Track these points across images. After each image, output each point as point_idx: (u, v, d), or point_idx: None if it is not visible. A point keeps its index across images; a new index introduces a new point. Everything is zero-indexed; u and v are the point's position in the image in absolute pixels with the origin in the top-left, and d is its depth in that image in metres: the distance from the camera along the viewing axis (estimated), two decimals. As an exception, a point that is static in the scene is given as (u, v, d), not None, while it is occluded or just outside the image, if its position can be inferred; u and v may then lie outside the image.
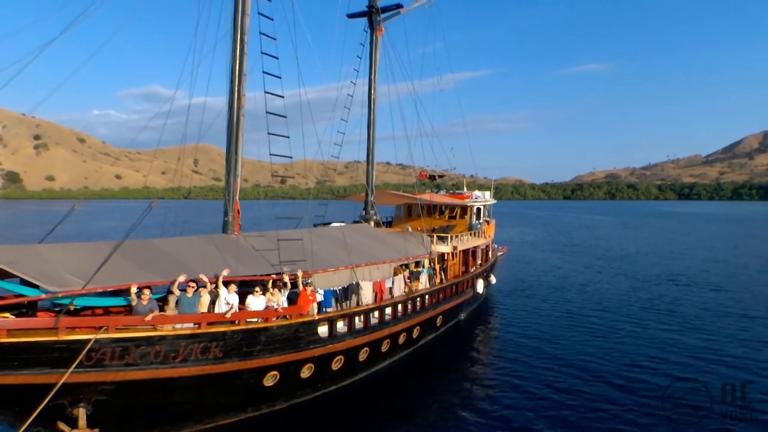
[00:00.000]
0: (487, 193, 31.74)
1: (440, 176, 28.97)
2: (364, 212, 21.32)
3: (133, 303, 9.94)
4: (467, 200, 27.25)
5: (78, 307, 10.43)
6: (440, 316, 19.39)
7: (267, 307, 11.64)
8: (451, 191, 31.05)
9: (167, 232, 14.63)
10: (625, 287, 31.06)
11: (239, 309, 11.44)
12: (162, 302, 11.17)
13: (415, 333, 17.41)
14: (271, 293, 11.94)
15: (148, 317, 9.54)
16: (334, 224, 21.06)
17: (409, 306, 16.77)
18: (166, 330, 9.87)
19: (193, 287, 10.71)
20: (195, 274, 11.02)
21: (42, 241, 11.10)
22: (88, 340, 8.84)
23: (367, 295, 15.02)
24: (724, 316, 23.10)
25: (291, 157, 13.67)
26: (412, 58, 24.18)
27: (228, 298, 11.17)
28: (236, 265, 12.00)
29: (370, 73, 22.22)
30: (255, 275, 12.39)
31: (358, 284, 14.86)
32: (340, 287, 14.43)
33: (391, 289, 16.53)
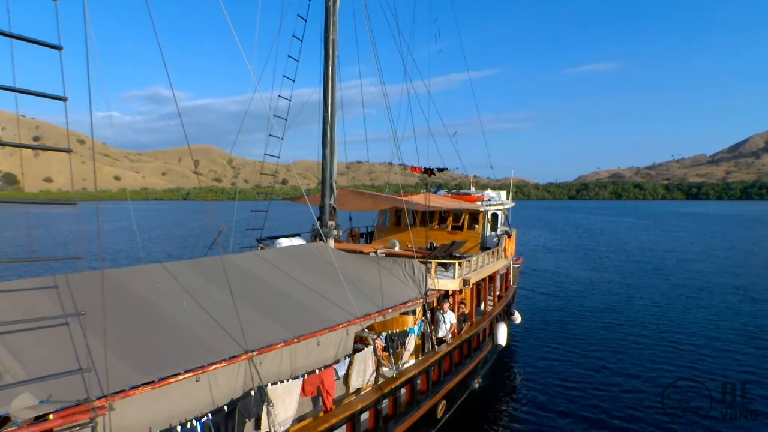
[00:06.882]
0: (503, 194, 23.81)
1: (440, 170, 20.93)
2: (318, 223, 13.24)
3: None
4: (478, 203, 19.37)
5: None
6: (443, 402, 11.45)
7: None
8: (453, 191, 23.23)
9: None
10: (693, 312, 23.76)
11: None
12: None
13: (397, 450, 9.48)
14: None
15: None
16: (284, 241, 13.76)
17: (386, 408, 8.84)
18: None
19: None
20: None
21: None
22: None
23: (284, 413, 7.03)
24: None
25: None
26: (420, 57, 16.65)
27: None
28: None
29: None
30: None
31: (261, 394, 6.83)
32: (211, 413, 6.21)
33: (345, 378, 8.59)
